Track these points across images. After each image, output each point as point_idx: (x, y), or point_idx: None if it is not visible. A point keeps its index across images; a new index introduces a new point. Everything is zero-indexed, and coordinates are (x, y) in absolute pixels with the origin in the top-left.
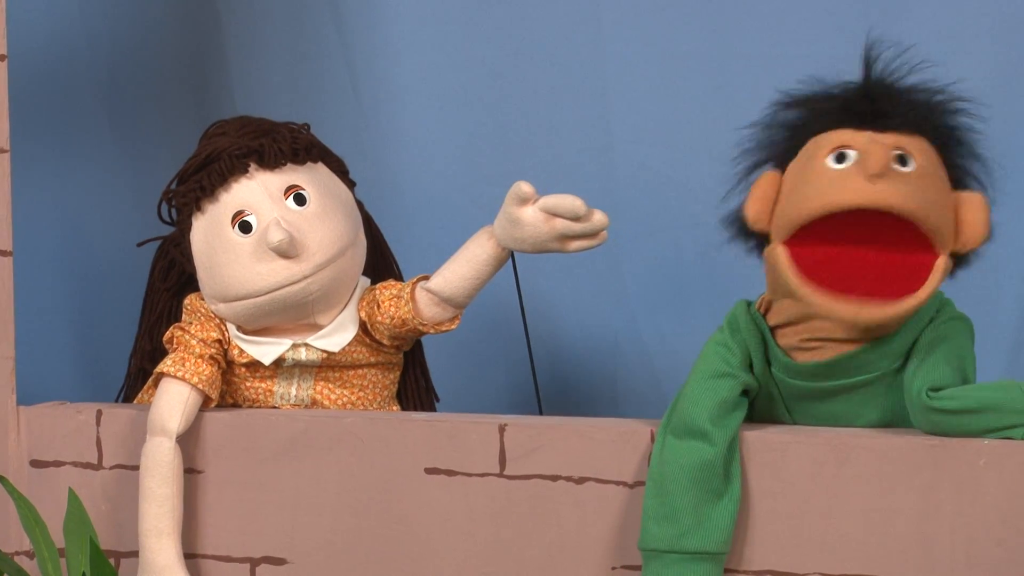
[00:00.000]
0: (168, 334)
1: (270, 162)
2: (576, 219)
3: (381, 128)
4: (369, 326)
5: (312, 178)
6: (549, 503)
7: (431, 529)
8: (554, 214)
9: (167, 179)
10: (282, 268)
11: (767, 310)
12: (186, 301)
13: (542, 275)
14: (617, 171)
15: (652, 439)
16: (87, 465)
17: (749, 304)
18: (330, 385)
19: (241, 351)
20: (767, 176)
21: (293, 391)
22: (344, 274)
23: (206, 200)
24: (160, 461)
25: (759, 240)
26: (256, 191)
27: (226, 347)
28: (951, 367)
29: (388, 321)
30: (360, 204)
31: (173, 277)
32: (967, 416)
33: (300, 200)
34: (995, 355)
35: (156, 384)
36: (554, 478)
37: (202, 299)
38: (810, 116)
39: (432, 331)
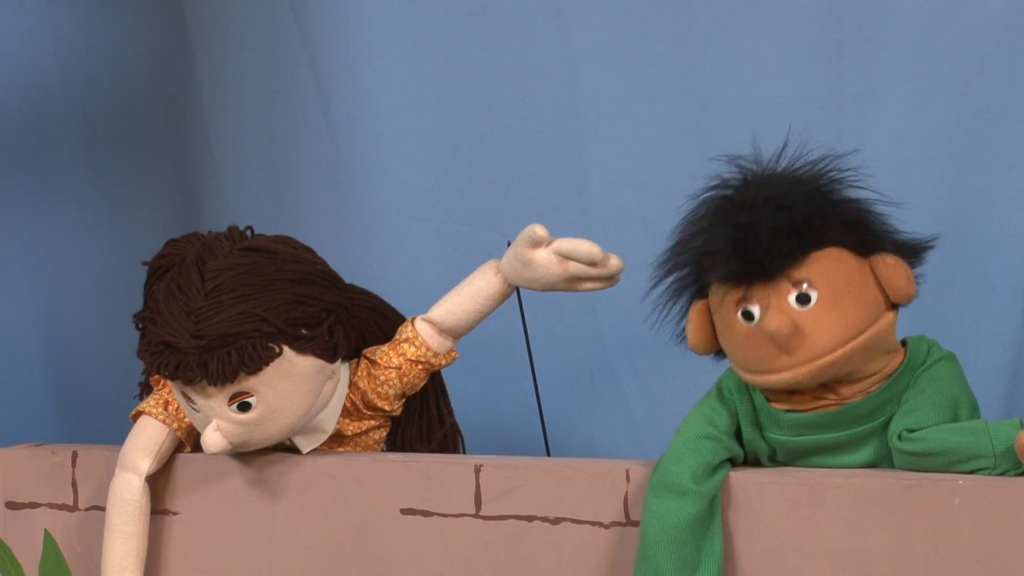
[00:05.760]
0: (156, 375)
1: (215, 381)
2: (592, 264)
3: (357, 171)
4: (370, 397)
5: (263, 381)
6: (525, 544)
7: (407, 570)
8: (569, 258)
9: (142, 222)
10: (221, 447)
11: None
12: None
13: (517, 315)
14: (591, 212)
15: (628, 479)
16: (62, 507)
17: None
18: None
19: None
20: (695, 309)
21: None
22: (301, 425)
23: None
24: (128, 499)
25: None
26: (200, 395)
27: None
28: (935, 410)
29: (394, 375)
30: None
31: None
32: (932, 458)
33: (245, 407)
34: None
35: (135, 420)
36: (530, 519)
37: None
38: (696, 267)
39: (444, 363)
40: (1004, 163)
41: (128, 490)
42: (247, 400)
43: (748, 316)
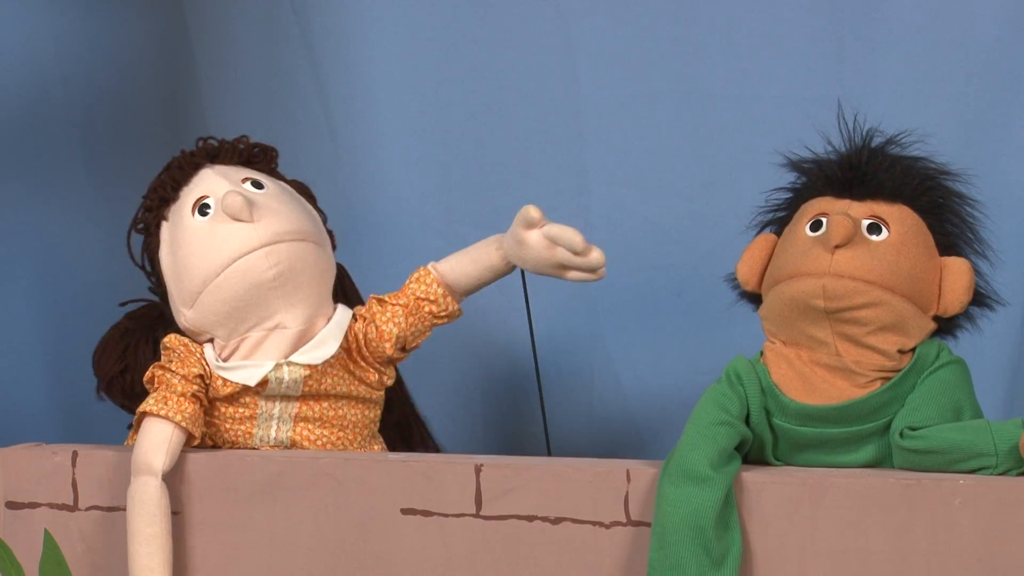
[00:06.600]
0: (149, 374)
1: (224, 160)
2: (575, 253)
3: (356, 170)
4: (371, 336)
5: (272, 179)
6: (525, 544)
7: (407, 570)
8: (556, 243)
9: None
10: (239, 231)
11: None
12: (164, 340)
13: (517, 314)
14: (592, 212)
15: (628, 479)
16: (63, 507)
17: (750, 359)
18: (309, 426)
19: (225, 381)
20: (762, 238)
21: (272, 433)
22: (307, 264)
23: (170, 207)
24: (147, 501)
25: (752, 297)
26: (213, 178)
27: (208, 381)
28: (938, 411)
29: (400, 311)
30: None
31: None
32: (934, 456)
33: (258, 186)
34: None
35: (138, 425)
36: (530, 518)
37: (180, 336)
38: (804, 182)
39: (449, 309)
40: (1004, 163)
41: (146, 492)
42: (259, 181)
43: (816, 227)
